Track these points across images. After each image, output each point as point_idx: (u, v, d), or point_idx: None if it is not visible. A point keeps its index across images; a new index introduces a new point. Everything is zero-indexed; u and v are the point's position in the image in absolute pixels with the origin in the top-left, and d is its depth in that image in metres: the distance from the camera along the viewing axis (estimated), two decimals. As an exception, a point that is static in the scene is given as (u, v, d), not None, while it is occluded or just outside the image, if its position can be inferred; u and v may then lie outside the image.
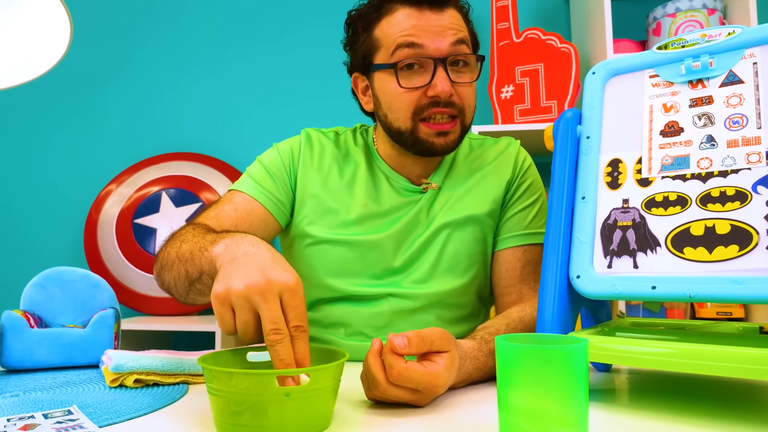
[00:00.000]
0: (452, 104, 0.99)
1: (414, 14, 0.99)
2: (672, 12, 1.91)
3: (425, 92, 0.99)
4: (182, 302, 0.97)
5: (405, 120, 1.01)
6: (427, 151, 1.02)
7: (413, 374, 0.67)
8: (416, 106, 0.99)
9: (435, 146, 1.01)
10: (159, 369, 0.79)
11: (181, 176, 2.32)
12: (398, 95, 1.00)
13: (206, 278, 0.81)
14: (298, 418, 0.57)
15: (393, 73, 0.99)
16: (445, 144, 1.01)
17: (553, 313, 0.75)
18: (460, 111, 1.01)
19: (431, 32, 0.98)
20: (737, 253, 0.66)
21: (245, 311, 0.63)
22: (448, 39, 0.98)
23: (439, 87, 0.97)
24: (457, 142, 1.03)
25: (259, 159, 1.11)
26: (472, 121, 1.05)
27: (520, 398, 0.51)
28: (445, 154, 1.04)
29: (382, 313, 1.03)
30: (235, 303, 0.64)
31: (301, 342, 0.63)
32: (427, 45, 0.97)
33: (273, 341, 0.61)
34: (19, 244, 2.53)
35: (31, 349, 0.89)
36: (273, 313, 0.62)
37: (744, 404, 0.72)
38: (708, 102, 0.75)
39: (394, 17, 1.00)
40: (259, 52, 2.47)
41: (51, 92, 2.57)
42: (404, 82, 0.99)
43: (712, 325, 0.86)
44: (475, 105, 1.05)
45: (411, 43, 0.98)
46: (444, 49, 0.98)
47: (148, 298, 2.26)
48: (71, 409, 0.65)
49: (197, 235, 0.85)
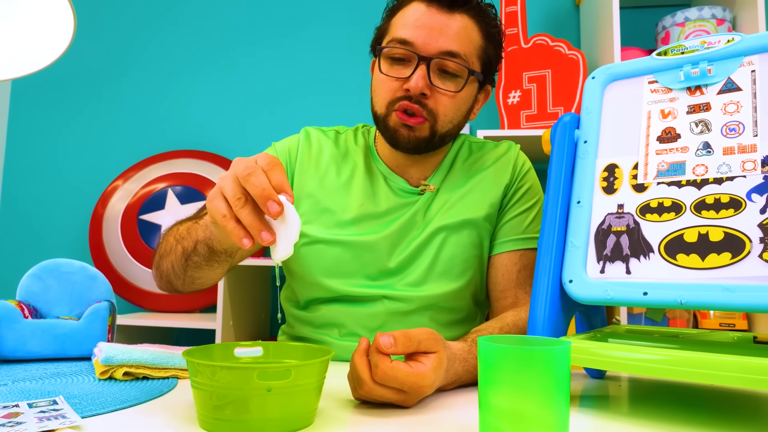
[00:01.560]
0: (423, 105, 0.99)
1: (422, 10, 0.99)
2: (681, 21, 1.90)
3: (402, 84, 0.99)
4: (181, 289, 1.00)
5: (381, 106, 1.02)
6: (392, 140, 1.02)
7: (398, 374, 0.66)
8: (393, 95, 1.00)
9: (398, 136, 1.01)
10: (149, 362, 0.79)
11: (188, 173, 2.33)
12: (381, 81, 1.02)
13: (201, 246, 0.84)
14: (280, 413, 0.57)
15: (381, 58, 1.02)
16: (407, 138, 1.01)
17: (544, 316, 0.75)
18: (432, 115, 1.00)
19: (427, 31, 0.98)
20: (729, 261, 0.65)
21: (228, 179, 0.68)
22: (440, 44, 0.98)
23: (412, 81, 0.97)
24: (423, 142, 1.02)
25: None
26: (452, 132, 1.04)
27: (501, 399, 0.50)
28: (410, 149, 1.03)
29: (376, 314, 1.02)
30: (222, 185, 0.69)
31: (276, 172, 0.67)
32: (418, 43, 0.98)
33: (247, 176, 0.66)
34: (25, 237, 2.55)
35: (23, 339, 0.90)
36: (245, 162, 0.68)
37: (736, 413, 0.71)
38: (705, 109, 0.75)
39: (407, 10, 1.02)
40: (265, 50, 2.48)
41: (60, 88, 2.59)
42: (386, 69, 1.01)
43: (706, 334, 0.86)
44: (454, 117, 1.02)
45: (403, 39, 0.99)
46: (432, 51, 0.98)
47: (151, 294, 2.27)
48: (57, 399, 0.65)
49: (193, 217, 0.91)
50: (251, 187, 0.66)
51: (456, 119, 1.03)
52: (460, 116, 1.04)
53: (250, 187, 0.66)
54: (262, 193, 0.65)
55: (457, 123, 1.04)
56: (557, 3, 2.33)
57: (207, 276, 0.97)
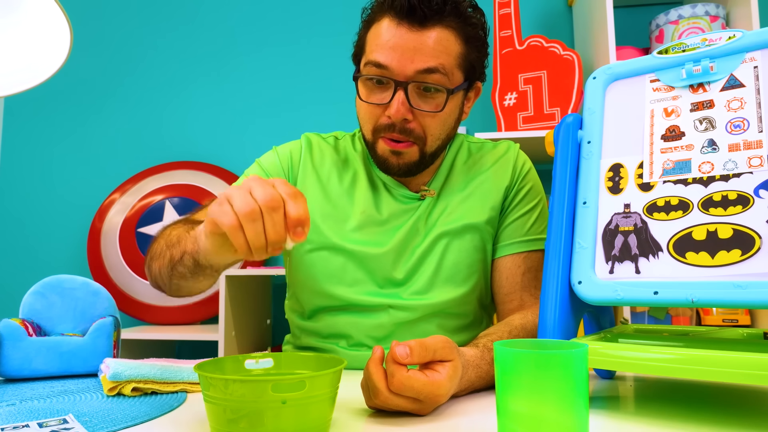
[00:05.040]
0: (408, 131, 0.96)
1: (392, 29, 0.94)
2: (675, 19, 1.90)
3: (383, 111, 0.97)
4: (168, 294, 0.99)
5: (367, 132, 1.02)
6: (383, 167, 1.02)
7: (415, 383, 0.65)
8: (376, 122, 0.99)
9: (389, 164, 1.00)
10: (157, 377, 0.79)
11: (185, 185, 2.33)
12: (362, 107, 1.00)
13: (187, 258, 0.83)
14: (295, 425, 0.56)
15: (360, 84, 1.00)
16: (398, 165, 1.00)
17: (554, 319, 0.74)
18: (419, 139, 0.98)
19: (400, 52, 0.93)
20: (740, 258, 0.65)
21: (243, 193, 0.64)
22: (416, 64, 0.93)
23: (393, 109, 0.94)
24: (414, 165, 1.00)
25: (258, 161, 1.11)
26: (441, 148, 1.02)
27: (519, 405, 0.50)
28: (402, 174, 1.02)
29: (382, 324, 1.01)
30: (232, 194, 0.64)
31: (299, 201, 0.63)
32: (392, 66, 0.94)
33: (271, 209, 0.62)
34: (22, 252, 2.54)
35: (29, 357, 0.89)
36: (266, 189, 0.63)
37: (748, 411, 0.71)
38: (709, 106, 0.74)
39: (378, 26, 0.97)
40: (261, 61, 2.48)
41: (55, 101, 2.59)
42: (366, 95, 0.99)
43: (716, 332, 0.85)
44: (441, 133, 1.00)
45: (377, 62, 0.95)
46: (409, 73, 0.93)
47: (152, 308, 2.26)
48: (67, 417, 0.65)
49: (186, 224, 0.89)
50: (269, 224, 0.63)
51: (444, 134, 1.01)
52: (448, 129, 1.02)
53: (269, 223, 0.63)
54: (276, 238, 0.63)
55: (446, 137, 1.02)
56: (549, 4, 2.33)
57: (192, 286, 0.93)
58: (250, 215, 0.62)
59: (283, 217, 0.63)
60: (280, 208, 0.63)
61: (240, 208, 0.63)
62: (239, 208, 0.63)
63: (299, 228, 0.63)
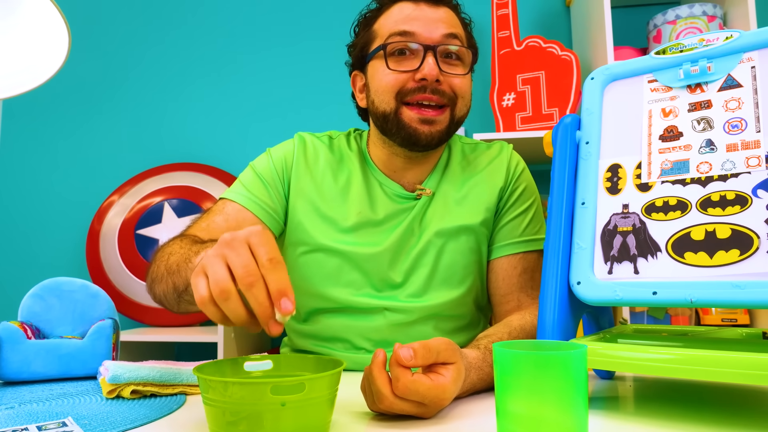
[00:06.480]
0: (440, 92, 0.99)
1: (410, 6, 1.02)
2: (672, 19, 1.91)
3: (413, 76, 0.99)
4: (176, 312, 0.97)
5: (389, 101, 1.00)
6: (410, 138, 1.00)
7: (420, 387, 0.65)
8: (401, 87, 0.99)
9: (418, 134, 0.99)
10: (156, 379, 0.79)
11: (184, 186, 2.32)
12: (386, 76, 1.00)
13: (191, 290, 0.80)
14: (294, 427, 0.56)
15: (383, 57, 1.00)
16: (429, 133, 0.99)
17: (553, 319, 0.74)
18: (451, 100, 1.01)
19: (424, 21, 1.00)
20: (738, 258, 0.65)
21: (217, 266, 0.59)
22: (440, 29, 1.00)
23: (426, 69, 0.97)
24: (444, 134, 1.01)
25: (251, 165, 1.10)
26: (465, 116, 1.05)
27: (519, 405, 0.50)
28: (430, 145, 1.01)
29: (378, 327, 1.01)
30: (207, 265, 0.60)
31: (278, 272, 0.58)
32: (419, 33, 0.99)
33: (247, 285, 0.57)
34: (21, 254, 2.53)
35: (28, 360, 0.89)
36: (242, 258, 0.58)
37: (747, 411, 0.71)
38: (707, 106, 0.75)
39: (391, 11, 1.03)
40: (260, 63, 2.48)
41: (54, 103, 2.58)
42: (393, 64, 1.00)
43: (715, 331, 0.85)
44: (469, 98, 1.05)
45: (403, 31, 1.00)
46: (435, 38, 0.99)
47: (151, 309, 2.25)
48: (66, 420, 0.65)
49: (184, 246, 0.86)
50: (252, 298, 0.58)
51: (469, 102, 1.05)
52: (469, 101, 1.05)
53: (252, 297, 0.58)
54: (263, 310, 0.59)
55: (468, 108, 1.05)
56: (547, 4, 2.33)
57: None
58: (222, 294, 0.58)
59: (263, 290, 0.58)
60: (259, 281, 0.58)
61: (213, 284, 0.59)
62: (212, 285, 0.59)
63: (285, 299, 0.58)
